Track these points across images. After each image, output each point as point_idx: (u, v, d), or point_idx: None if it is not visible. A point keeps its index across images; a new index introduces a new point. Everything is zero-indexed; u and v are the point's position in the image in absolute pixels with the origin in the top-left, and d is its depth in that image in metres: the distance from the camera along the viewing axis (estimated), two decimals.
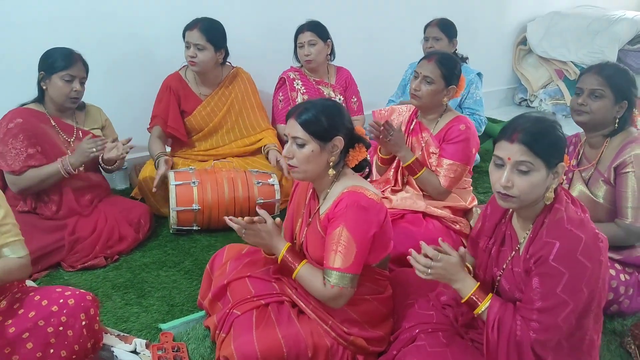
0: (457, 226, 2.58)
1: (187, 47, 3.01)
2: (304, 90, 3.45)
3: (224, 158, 3.24)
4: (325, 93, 3.50)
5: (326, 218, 1.88)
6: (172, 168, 3.04)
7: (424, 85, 2.48)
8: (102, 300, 2.37)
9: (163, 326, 2.20)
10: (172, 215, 2.83)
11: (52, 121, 2.65)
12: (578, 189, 2.41)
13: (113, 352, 2.04)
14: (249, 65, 3.42)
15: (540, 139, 1.61)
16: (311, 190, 2.02)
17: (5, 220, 1.89)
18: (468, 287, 1.73)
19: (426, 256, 1.72)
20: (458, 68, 2.53)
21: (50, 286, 2.08)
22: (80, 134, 2.71)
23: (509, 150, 1.63)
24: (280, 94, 3.47)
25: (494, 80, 5.25)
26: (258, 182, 2.96)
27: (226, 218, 1.95)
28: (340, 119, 1.88)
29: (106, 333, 2.10)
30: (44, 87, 2.59)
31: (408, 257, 1.74)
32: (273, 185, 2.99)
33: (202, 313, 2.25)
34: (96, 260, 2.60)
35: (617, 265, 2.30)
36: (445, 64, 2.48)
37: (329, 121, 1.83)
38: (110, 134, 2.85)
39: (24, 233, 1.98)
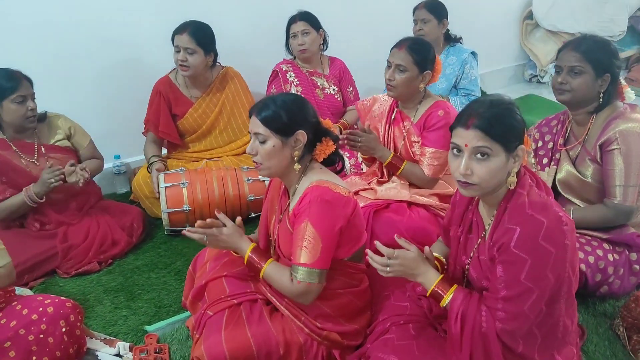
0: (444, 213, 2.54)
1: (177, 51, 3.00)
2: (297, 82, 3.43)
3: (218, 157, 3.26)
4: (319, 84, 3.48)
5: (293, 214, 1.88)
6: (165, 170, 3.08)
7: (397, 74, 2.44)
8: (93, 305, 2.43)
9: (149, 328, 2.25)
10: (164, 217, 2.87)
11: (12, 146, 2.61)
12: (565, 168, 2.34)
13: (97, 356, 2.09)
14: (241, 62, 3.42)
15: (496, 122, 1.56)
16: (283, 187, 2.02)
17: None
18: (430, 280, 1.70)
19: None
20: (432, 52, 2.47)
21: (33, 295, 2.15)
22: (43, 149, 2.66)
23: (465, 137, 1.59)
24: (273, 86, 3.46)
25: (502, 57, 5.12)
26: (248, 179, 2.97)
27: (185, 232, 1.95)
28: (302, 113, 1.87)
29: (91, 337, 2.15)
30: None
31: (366, 257, 1.72)
32: (264, 181, 2.99)
33: (187, 313, 2.28)
34: (90, 266, 2.66)
35: (605, 245, 2.22)
36: (417, 50, 2.42)
37: (289, 115, 1.83)
38: (80, 139, 2.81)
39: (16, 244, 2.03)
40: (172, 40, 3.04)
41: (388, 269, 1.69)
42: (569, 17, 4.77)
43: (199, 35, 3.00)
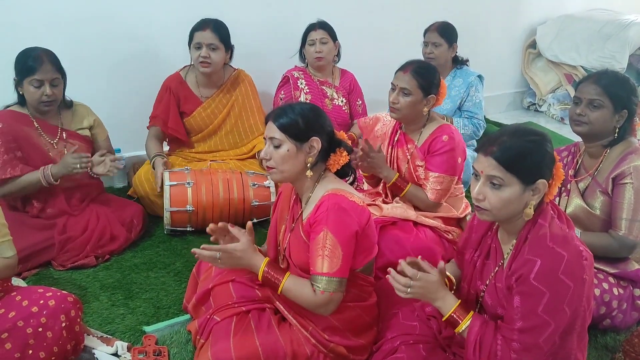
0: (450, 235, 2.54)
1: (198, 48, 2.98)
2: (308, 90, 3.43)
3: (222, 160, 3.23)
4: (328, 94, 3.48)
5: (308, 222, 1.86)
6: (168, 168, 3.03)
7: (401, 97, 2.44)
8: (90, 300, 2.37)
9: (147, 329, 2.20)
10: (166, 215, 2.82)
11: (35, 123, 2.61)
12: (574, 202, 2.35)
13: (94, 354, 2.03)
14: (251, 65, 3.40)
15: (514, 154, 1.57)
16: (294, 195, 2.00)
17: None
18: (448, 305, 1.69)
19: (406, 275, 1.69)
20: (437, 76, 2.48)
21: (33, 286, 2.09)
22: (64, 135, 2.65)
23: (482, 163, 1.61)
24: (282, 92, 3.45)
25: (502, 83, 5.17)
26: (254, 184, 2.94)
27: (194, 252, 1.88)
28: (318, 121, 1.88)
29: (89, 334, 2.10)
30: (21, 92, 2.55)
31: (387, 275, 1.70)
32: (269, 187, 2.97)
33: (187, 317, 2.24)
34: (87, 260, 2.60)
35: (610, 279, 2.24)
36: (422, 74, 2.43)
37: (305, 122, 1.84)
38: (100, 133, 2.82)
39: (13, 231, 1.98)
40: (190, 38, 3.02)
41: (409, 290, 1.67)
42: (571, 50, 4.84)
43: (221, 31, 3.01)
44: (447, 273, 1.87)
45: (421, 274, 1.67)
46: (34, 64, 2.46)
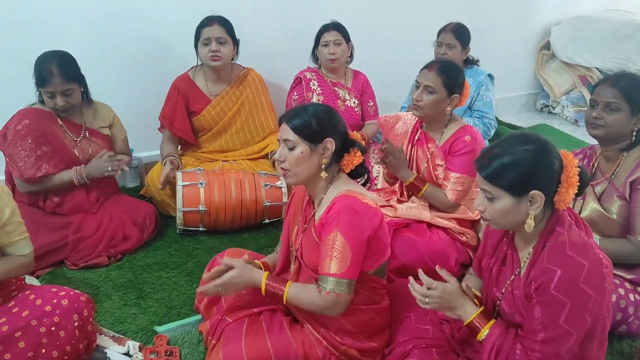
0: (464, 237, 2.52)
1: (207, 44, 3.01)
2: (320, 91, 3.42)
3: (234, 160, 3.23)
4: (340, 95, 3.46)
5: (320, 223, 1.86)
6: (180, 168, 3.04)
7: (425, 95, 2.43)
8: (102, 300, 2.38)
9: (159, 329, 2.20)
10: (179, 215, 2.82)
11: (59, 120, 2.65)
12: (590, 206, 2.32)
13: (106, 353, 2.04)
14: (262, 65, 3.41)
15: (497, 168, 1.56)
16: (307, 196, 1.99)
17: (12, 219, 1.91)
18: (468, 312, 1.68)
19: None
20: (461, 76, 2.47)
21: (46, 285, 2.10)
22: (88, 133, 2.70)
23: (477, 176, 1.63)
24: (295, 93, 3.45)
25: (515, 85, 5.13)
26: (266, 185, 2.93)
27: (199, 290, 1.94)
28: (332, 122, 1.87)
29: (101, 334, 2.10)
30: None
31: (408, 284, 1.69)
32: (281, 187, 2.96)
33: (199, 317, 2.23)
34: (99, 259, 2.61)
35: (627, 285, 2.21)
36: (447, 73, 2.42)
37: (319, 123, 1.83)
38: (118, 132, 2.85)
39: (29, 229, 2.00)
40: (198, 35, 3.03)
41: (427, 300, 1.65)
42: (586, 51, 4.80)
43: (228, 25, 3.05)
44: (474, 290, 1.84)
45: (437, 283, 1.65)
46: (45, 76, 2.48)
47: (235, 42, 3.11)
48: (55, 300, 1.90)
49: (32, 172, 2.53)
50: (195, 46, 3.07)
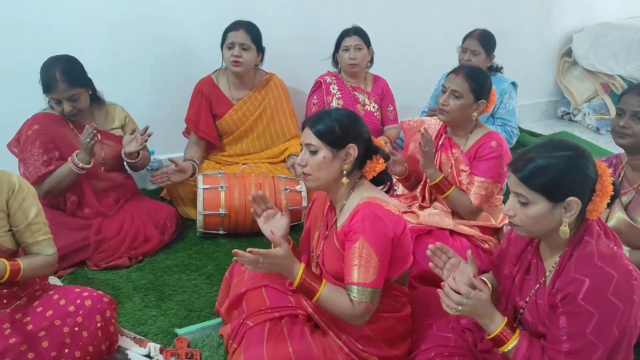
0: (486, 245, 2.49)
1: (231, 48, 3.03)
2: (340, 95, 3.42)
3: (254, 163, 3.23)
4: (360, 100, 3.46)
5: (342, 231, 1.85)
6: (201, 171, 3.05)
7: (452, 99, 2.42)
8: (123, 301, 2.39)
9: (179, 331, 2.20)
10: (199, 218, 2.83)
11: (70, 124, 2.65)
12: (617, 215, 2.29)
13: (127, 355, 2.04)
14: (284, 69, 3.42)
15: (537, 172, 1.53)
16: (328, 202, 1.99)
17: (37, 219, 1.92)
18: (496, 324, 1.65)
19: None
20: (488, 82, 2.45)
21: (70, 285, 2.11)
22: (99, 135, 2.62)
23: (510, 180, 1.60)
24: (315, 97, 3.45)
25: (536, 92, 5.08)
26: (286, 189, 2.93)
27: (236, 252, 1.77)
28: (355, 128, 1.86)
29: (122, 335, 2.11)
30: None
31: (438, 290, 1.67)
32: (300, 192, 2.96)
33: (219, 320, 2.24)
34: (120, 261, 2.62)
35: None
36: (474, 78, 2.41)
37: (342, 129, 1.82)
38: (131, 130, 2.81)
39: (52, 231, 2.01)
40: (224, 38, 3.05)
41: (460, 307, 1.63)
42: (609, 59, 4.74)
43: (253, 32, 3.05)
44: (483, 278, 1.83)
45: (475, 292, 1.63)
46: (50, 83, 2.47)
47: (260, 50, 3.12)
48: (78, 301, 1.92)
49: (35, 177, 2.52)
50: (222, 48, 3.08)
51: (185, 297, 2.44)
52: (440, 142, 2.61)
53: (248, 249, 1.75)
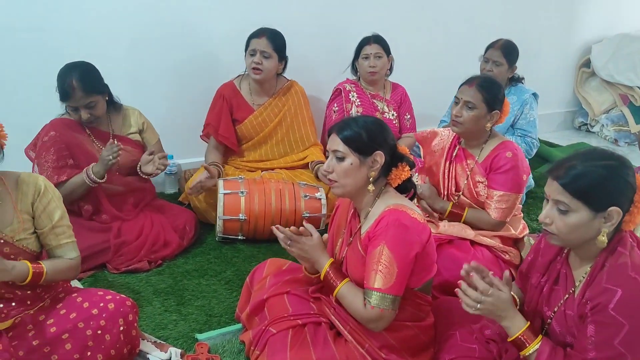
0: (507, 256, 2.48)
1: (252, 54, 3.04)
2: (359, 103, 3.42)
3: (273, 169, 3.24)
4: (379, 107, 3.46)
5: (367, 237, 1.84)
6: (221, 176, 3.05)
7: (465, 110, 2.40)
8: (143, 305, 2.39)
9: (199, 336, 2.20)
10: (219, 223, 2.83)
11: (86, 130, 2.65)
12: None
13: (148, 359, 2.04)
14: (304, 77, 3.43)
15: (582, 181, 1.51)
16: (352, 209, 1.98)
17: (61, 222, 1.93)
18: (517, 326, 1.63)
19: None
20: (501, 92, 2.44)
21: (93, 288, 2.11)
22: (116, 140, 2.64)
23: (550, 187, 1.57)
24: (335, 104, 3.45)
25: (553, 102, 5.07)
26: (305, 196, 2.93)
27: (273, 227, 1.96)
28: (382, 135, 1.86)
29: (143, 339, 2.11)
30: None
31: (456, 289, 1.65)
32: (320, 199, 2.95)
33: (239, 326, 2.23)
34: (140, 264, 2.63)
35: None
36: (487, 88, 2.39)
37: (369, 136, 1.82)
38: (150, 136, 2.84)
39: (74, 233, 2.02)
40: (247, 44, 3.07)
41: (479, 305, 1.61)
42: (628, 70, 4.72)
43: (276, 40, 3.06)
44: (512, 293, 1.82)
45: (493, 290, 1.61)
46: (67, 91, 2.47)
47: (283, 58, 3.13)
48: (101, 304, 1.92)
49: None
50: (245, 53, 3.10)
51: (205, 302, 2.43)
52: (454, 154, 2.59)
53: (292, 228, 1.93)
